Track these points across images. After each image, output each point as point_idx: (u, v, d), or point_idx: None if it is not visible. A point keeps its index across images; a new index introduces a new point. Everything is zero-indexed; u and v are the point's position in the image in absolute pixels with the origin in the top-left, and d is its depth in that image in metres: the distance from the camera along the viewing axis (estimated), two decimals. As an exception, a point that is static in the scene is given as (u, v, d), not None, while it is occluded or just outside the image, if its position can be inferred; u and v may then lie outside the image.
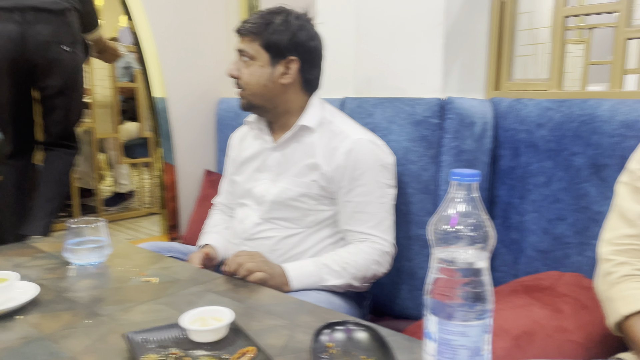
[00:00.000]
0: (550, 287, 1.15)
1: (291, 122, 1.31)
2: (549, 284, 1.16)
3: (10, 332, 0.86)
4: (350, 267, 1.21)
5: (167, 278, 1.12)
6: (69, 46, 1.91)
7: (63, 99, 1.98)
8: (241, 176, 1.41)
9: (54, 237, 1.46)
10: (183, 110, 2.25)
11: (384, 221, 1.27)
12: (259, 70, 1.26)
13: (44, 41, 1.84)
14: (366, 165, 1.24)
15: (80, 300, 0.99)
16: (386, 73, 1.49)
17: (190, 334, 0.79)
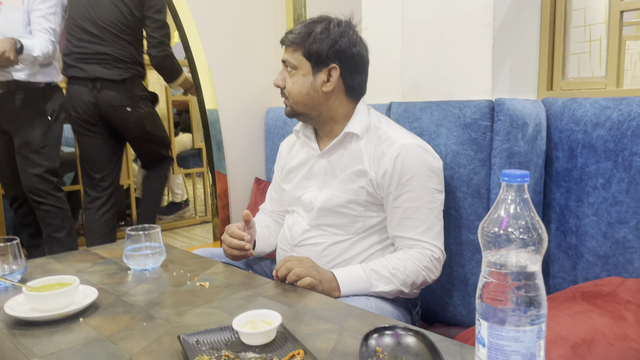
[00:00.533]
0: (611, 293, 1.09)
1: (337, 129, 1.32)
2: (609, 290, 1.11)
3: (72, 333, 0.90)
4: (400, 273, 1.20)
5: (219, 283, 1.14)
6: (131, 107, 2.32)
7: (140, 144, 2.51)
8: (289, 184, 1.43)
9: (114, 244, 1.53)
10: (233, 121, 2.31)
11: (434, 227, 1.25)
12: (302, 79, 1.27)
13: (111, 105, 2.28)
14: (414, 170, 1.23)
15: (138, 303, 1.03)
16: (433, 76, 1.48)
17: (241, 336, 0.81)
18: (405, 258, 1.22)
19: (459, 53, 1.42)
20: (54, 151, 2.30)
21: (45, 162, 2.26)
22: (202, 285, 1.13)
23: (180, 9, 2.16)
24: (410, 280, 1.21)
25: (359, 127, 1.29)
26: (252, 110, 2.36)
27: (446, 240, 1.39)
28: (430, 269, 1.23)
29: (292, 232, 1.38)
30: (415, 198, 1.23)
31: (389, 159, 1.24)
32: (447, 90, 1.45)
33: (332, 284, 1.16)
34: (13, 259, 1.15)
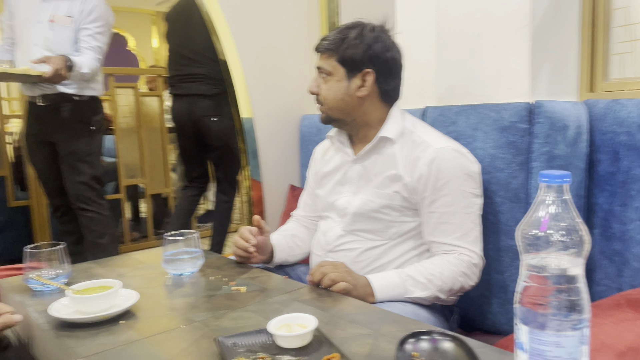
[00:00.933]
0: (661, 301, 1.05)
1: (371, 134, 1.32)
2: (659, 298, 1.06)
3: (114, 335, 0.93)
4: (436, 279, 1.18)
5: (255, 287, 1.15)
6: (217, 117, 2.66)
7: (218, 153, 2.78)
8: (323, 189, 1.43)
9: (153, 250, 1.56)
10: (268, 129, 2.33)
11: (471, 232, 1.23)
12: (336, 85, 1.28)
13: (201, 115, 2.66)
14: (450, 174, 1.21)
15: (176, 307, 1.05)
16: (469, 79, 1.46)
17: (277, 339, 0.81)
18: (442, 264, 1.20)
19: (495, 55, 1.40)
20: (97, 160, 2.41)
21: (90, 170, 2.36)
22: (238, 290, 1.14)
23: (216, 21, 2.21)
24: (447, 287, 1.19)
25: (393, 132, 1.28)
26: (287, 118, 2.38)
27: (484, 245, 1.36)
28: (467, 275, 1.21)
29: (327, 237, 1.38)
30: (451, 203, 1.22)
31: (424, 163, 1.23)
32: (483, 93, 1.43)
33: (366, 289, 1.15)
34: (59, 263, 1.19)
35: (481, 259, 1.24)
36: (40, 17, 2.21)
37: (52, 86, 2.20)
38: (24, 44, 2.24)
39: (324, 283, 1.13)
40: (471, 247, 1.22)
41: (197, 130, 2.71)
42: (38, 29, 2.21)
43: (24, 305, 1.09)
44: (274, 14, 2.31)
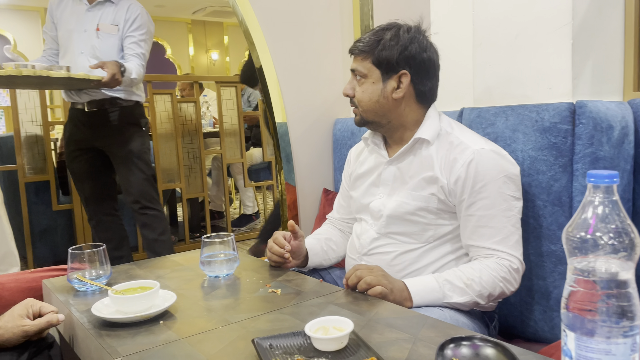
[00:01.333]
0: None
1: (407, 136, 1.30)
2: None
3: (153, 335, 0.94)
4: (475, 284, 1.15)
5: (290, 290, 1.15)
6: None
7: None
8: (357, 191, 1.42)
9: (190, 252, 1.59)
10: (302, 133, 2.34)
11: (511, 236, 1.19)
12: (371, 87, 1.27)
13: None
14: (489, 176, 1.19)
15: (213, 308, 1.06)
16: (507, 80, 1.42)
17: (314, 341, 0.81)
18: (481, 268, 1.17)
19: (535, 55, 1.36)
20: (150, 159, 2.48)
21: (149, 169, 2.44)
22: (274, 292, 1.14)
23: (250, 25, 2.24)
24: (486, 292, 1.16)
25: (430, 133, 1.26)
26: (320, 122, 2.38)
27: (525, 251, 1.33)
28: (508, 280, 1.17)
29: (361, 240, 1.37)
30: (490, 205, 1.19)
31: (462, 164, 1.20)
32: (522, 94, 1.39)
33: (403, 293, 1.14)
34: (100, 264, 1.22)
35: (522, 264, 1.20)
36: (86, 26, 2.29)
37: (100, 92, 2.27)
38: (70, 52, 2.32)
39: (360, 287, 1.12)
40: (511, 252, 1.19)
41: None
42: (84, 37, 2.28)
43: (68, 304, 1.12)
44: (308, 19, 2.32)
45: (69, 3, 2.33)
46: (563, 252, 1.27)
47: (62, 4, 2.34)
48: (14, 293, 1.33)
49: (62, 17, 2.33)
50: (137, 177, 2.39)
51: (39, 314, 1.05)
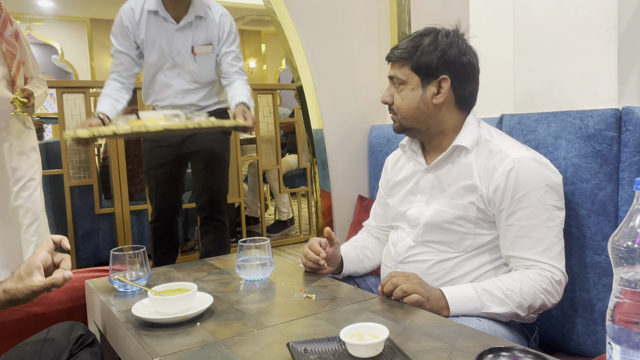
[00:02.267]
0: None
1: (445, 143, 1.29)
2: None
3: (190, 336, 0.96)
4: (515, 295, 1.12)
5: (325, 295, 1.15)
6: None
7: None
8: (394, 199, 1.41)
9: (227, 256, 1.61)
10: (337, 139, 2.35)
11: (553, 247, 1.16)
12: (410, 93, 1.26)
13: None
14: (530, 185, 1.16)
15: (249, 311, 1.07)
16: (550, 86, 1.39)
17: (349, 347, 0.80)
18: (522, 279, 1.14)
19: (579, 60, 1.33)
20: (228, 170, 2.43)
21: (226, 181, 2.37)
22: (309, 297, 1.14)
23: (288, 32, 2.27)
24: (527, 303, 1.13)
25: (469, 140, 1.24)
26: (356, 129, 2.38)
27: (568, 261, 1.29)
28: (550, 292, 1.14)
29: (397, 248, 1.35)
30: (531, 215, 1.16)
31: (501, 173, 1.18)
32: (565, 100, 1.35)
33: (440, 302, 1.12)
34: (140, 266, 1.25)
35: (564, 276, 1.16)
36: (179, 48, 2.12)
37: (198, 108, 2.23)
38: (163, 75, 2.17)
39: (396, 294, 1.11)
40: (554, 263, 1.15)
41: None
42: (179, 60, 2.14)
43: (109, 304, 1.16)
44: (345, 26, 2.33)
45: (152, 21, 2.10)
46: (608, 263, 1.23)
47: (142, 22, 2.10)
48: (57, 292, 1.38)
49: (147, 37, 2.11)
50: (214, 186, 2.32)
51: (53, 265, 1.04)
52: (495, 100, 1.56)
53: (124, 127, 1.71)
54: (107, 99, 2.08)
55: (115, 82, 2.15)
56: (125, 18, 2.10)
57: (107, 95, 2.09)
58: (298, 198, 4.26)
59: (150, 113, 1.88)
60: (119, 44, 2.13)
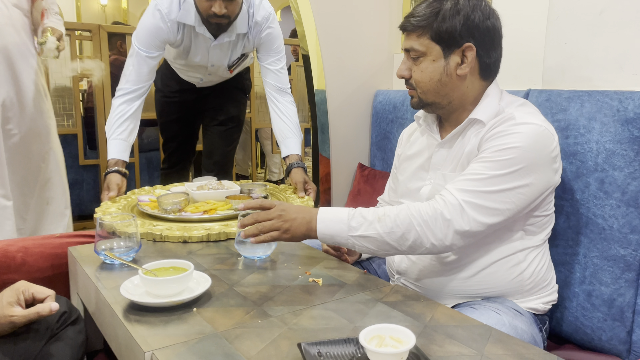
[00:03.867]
0: None
1: (464, 117, 1.17)
2: None
3: (186, 324, 0.86)
4: (389, 220, 1.02)
5: (332, 280, 1.06)
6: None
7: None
8: (404, 174, 1.30)
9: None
10: (340, 103, 2.21)
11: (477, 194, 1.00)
12: (431, 65, 1.12)
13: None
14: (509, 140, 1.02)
15: (250, 296, 0.97)
16: (586, 61, 1.27)
17: (369, 354, 0.71)
18: (405, 207, 1.04)
19: (621, 34, 1.20)
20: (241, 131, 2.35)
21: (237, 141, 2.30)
22: (315, 282, 1.05)
23: (294, -15, 2.09)
24: (399, 232, 1.01)
25: (486, 113, 1.12)
26: (360, 93, 2.25)
27: (589, 252, 1.21)
28: (430, 226, 1.00)
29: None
30: (488, 166, 1.02)
31: (499, 130, 1.05)
32: (602, 78, 1.24)
33: (310, 224, 1.07)
34: (129, 236, 1.14)
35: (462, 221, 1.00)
36: (213, 61, 1.95)
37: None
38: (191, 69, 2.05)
39: (258, 240, 1.07)
40: (461, 201, 1.00)
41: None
42: (212, 70, 2.01)
43: (95, 279, 1.05)
44: (355, -20, 2.16)
45: (187, 32, 1.82)
46: (633, 258, 1.15)
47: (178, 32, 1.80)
48: (38, 259, 1.27)
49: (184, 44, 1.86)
50: (226, 147, 2.25)
51: (32, 300, 0.93)
52: (521, 73, 1.43)
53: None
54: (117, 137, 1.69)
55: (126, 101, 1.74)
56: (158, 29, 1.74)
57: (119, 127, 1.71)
58: (290, 158, 4.13)
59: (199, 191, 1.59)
60: (147, 51, 1.74)
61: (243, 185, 1.64)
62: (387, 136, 2.11)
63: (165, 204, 1.43)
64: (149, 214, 1.44)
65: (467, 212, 1.00)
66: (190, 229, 1.32)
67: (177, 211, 1.43)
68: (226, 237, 1.31)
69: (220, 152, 2.26)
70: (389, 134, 2.10)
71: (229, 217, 1.42)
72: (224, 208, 1.46)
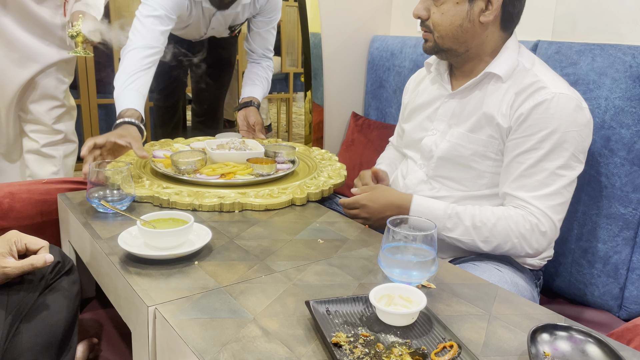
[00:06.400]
0: None
1: (479, 68, 1.12)
2: None
3: (189, 279, 0.84)
4: (485, 230, 1.04)
5: (335, 236, 1.04)
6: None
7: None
8: (410, 124, 1.27)
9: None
10: (335, 48, 2.13)
11: (556, 196, 1.03)
12: (454, 8, 1.06)
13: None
14: (557, 125, 1.01)
15: (252, 250, 0.95)
16: (600, 13, 1.22)
17: (379, 313, 0.70)
18: (501, 216, 1.04)
19: (640, -15, 1.15)
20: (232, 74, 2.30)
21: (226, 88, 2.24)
22: (317, 241, 1.03)
23: None
24: (495, 242, 1.04)
25: (504, 68, 1.08)
26: (357, 38, 2.16)
27: (588, 210, 1.21)
28: (527, 239, 1.03)
29: (406, 181, 1.24)
30: (546, 157, 1.02)
31: (531, 104, 1.02)
32: (615, 32, 1.19)
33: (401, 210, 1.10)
34: (124, 184, 1.10)
35: (554, 230, 1.04)
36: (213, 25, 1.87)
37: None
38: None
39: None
40: (548, 212, 1.03)
41: None
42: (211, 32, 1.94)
43: (88, 228, 1.01)
44: None
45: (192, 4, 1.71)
46: (633, 217, 1.15)
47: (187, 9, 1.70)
48: (25, 205, 1.22)
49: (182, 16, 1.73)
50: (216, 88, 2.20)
51: (25, 251, 0.89)
52: (530, 22, 1.37)
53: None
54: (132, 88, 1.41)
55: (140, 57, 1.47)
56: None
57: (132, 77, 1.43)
58: (277, 104, 4.04)
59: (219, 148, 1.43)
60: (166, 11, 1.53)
61: (268, 147, 1.43)
62: (383, 84, 2.05)
63: (179, 163, 1.26)
64: (161, 172, 1.28)
65: (552, 217, 1.03)
66: (202, 196, 1.15)
67: (192, 172, 1.27)
68: (241, 208, 1.15)
69: (210, 96, 2.20)
70: (384, 82, 2.04)
71: (247, 184, 1.25)
72: (244, 172, 1.29)
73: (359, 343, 0.66)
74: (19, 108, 1.64)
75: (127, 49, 1.47)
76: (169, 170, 1.27)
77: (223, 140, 1.48)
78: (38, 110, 1.66)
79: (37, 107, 1.66)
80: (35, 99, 1.64)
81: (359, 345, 0.65)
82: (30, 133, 1.68)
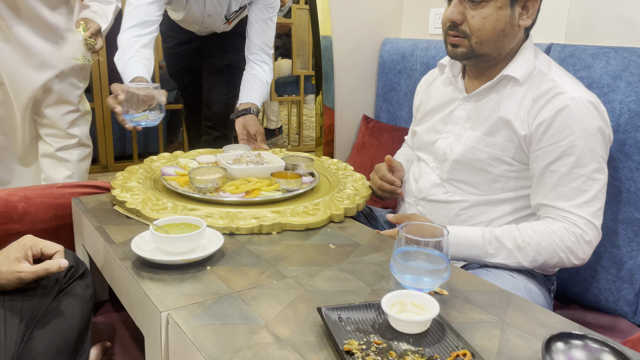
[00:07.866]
0: None
1: (495, 70, 1.11)
2: None
3: (201, 284, 0.84)
4: (530, 249, 1.02)
5: (346, 240, 1.04)
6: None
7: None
8: (422, 126, 1.26)
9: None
10: (346, 51, 2.13)
11: (595, 201, 1.02)
12: (496, 13, 1.03)
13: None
14: (582, 130, 1.00)
15: (264, 255, 0.95)
16: (614, 15, 1.21)
17: (393, 321, 0.70)
18: (544, 233, 1.02)
19: (656, -12, 1.14)
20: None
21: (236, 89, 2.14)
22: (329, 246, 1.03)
23: None
24: (541, 259, 1.03)
25: (521, 71, 1.07)
26: (368, 41, 2.16)
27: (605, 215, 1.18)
28: (573, 251, 1.02)
29: (419, 184, 1.23)
30: (578, 163, 1.02)
31: (551, 110, 1.02)
32: (630, 34, 1.18)
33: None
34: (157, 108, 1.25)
35: (598, 235, 1.04)
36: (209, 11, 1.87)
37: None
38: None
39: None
40: (591, 219, 1.02)
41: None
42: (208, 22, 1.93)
43: (102, 232, 1.02)
44: None
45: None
46: (648, 222, 1.14)
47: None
48: (40, 209, 1.23)
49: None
50: (224, 96, 2.18)
51: (40, 255, 0.90)
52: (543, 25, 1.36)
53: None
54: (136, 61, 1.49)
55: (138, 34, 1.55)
56: None
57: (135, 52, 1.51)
58: (288, 107, 4.05)
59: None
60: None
61: (286, 159, 1.36)
62: (394, 87, 2.04)
63: (199, 181, 1.17)
64: (178, 192, 1.18)
65: (595, 224, 1.02)
66: (236, 217, 1.06)
67: (214, 190, 1.18)
68: (281, 229, 1.07)
69: (220, 101, 2.19)
70: (396, 85, 2.03)
71: (277, 200, 1.17)
72: (270, 188, 1.21)
73: (371, 351, 0.66)
74: (35, 112, 1.66)
75: (123, 26, 1.54)
76: (187, 189, 1.18)
77: (237, 153, 1.39)
78: (53, 115, 1.68)
79: (52, 111, 1.67)
80: (50, 103, 1.66)
81: (371, 353, 0.65)
82: (45, 137, 1.70)
